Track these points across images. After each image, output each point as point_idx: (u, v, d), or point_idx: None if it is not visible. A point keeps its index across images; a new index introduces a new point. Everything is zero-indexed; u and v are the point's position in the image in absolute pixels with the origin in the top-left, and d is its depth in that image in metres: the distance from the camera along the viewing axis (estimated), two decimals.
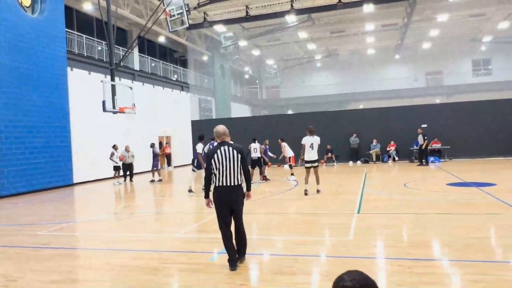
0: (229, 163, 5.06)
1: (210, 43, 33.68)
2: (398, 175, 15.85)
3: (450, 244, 5.80)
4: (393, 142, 21.62)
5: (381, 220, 7.72)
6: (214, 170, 5.08)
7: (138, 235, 7.44)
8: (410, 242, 6.07)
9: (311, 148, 10.80)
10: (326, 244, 6.31)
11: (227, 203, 5.12)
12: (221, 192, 5.09)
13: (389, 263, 5.16)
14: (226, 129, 5.25)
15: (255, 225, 8.07)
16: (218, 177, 5.06)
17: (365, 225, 7.28)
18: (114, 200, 13.40)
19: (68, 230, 8.40)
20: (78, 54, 19.73)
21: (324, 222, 7.84)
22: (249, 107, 44.08)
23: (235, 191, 5.13)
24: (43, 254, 6.38)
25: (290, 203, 10.30)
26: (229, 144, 5.18)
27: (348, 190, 11.91)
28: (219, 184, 5.08)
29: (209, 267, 5.30)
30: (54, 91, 16.75)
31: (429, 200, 9.64)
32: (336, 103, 39.18)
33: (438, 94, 39.08)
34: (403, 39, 35.18)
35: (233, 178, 5.08)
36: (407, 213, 8.27)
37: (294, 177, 15.00)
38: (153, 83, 25.85)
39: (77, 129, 18.24)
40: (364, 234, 6.60)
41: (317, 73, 45.34)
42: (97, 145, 19.52)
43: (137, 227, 8.29)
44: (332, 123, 22.17)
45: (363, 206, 9.15)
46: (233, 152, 5.10)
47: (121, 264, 5.59)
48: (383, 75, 41.26)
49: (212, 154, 5.09)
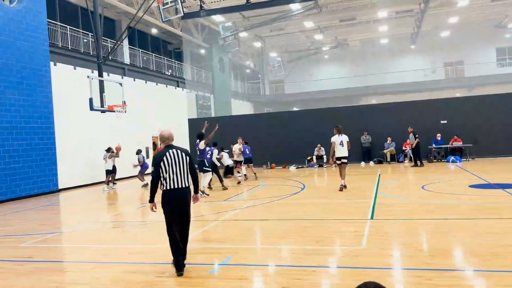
0: (178, 166, 5.59)
1: (208, 34, 33.70)
2: (416, 177, 15.81)
3: (474, 253, 5.78)
4: (409, 140, 21.58)
5: (397, 227, 7.70)
6: (163, 173, 5.56)
7: (130, 246, 7.45)
8: (430, 251, 6.05)
9: (341, 146, 12.38)
10: (336, 254, 6.30)
11: (177, 206, 5.61)
12: (171, 195, 5.58)
13: (407, 274, 5.14)
14: (171, 134, 5.81)
15: (259, 233, 8.06)
16: (168, 180, 5.56)
17: (379, 233, 7.26)
18: (104, 208, 13.42)
19: (53, 241, 8.40)
20: (62, 47, 19.77)
21: (334, 230, 7.82)
22: (251, 104, 44.09)
23: (185, 193, 5.66)
24: (26, 268, 6.38)
25: (297, 208, 10.30)
26: (176, 147, 5.72)
27: (360, 194, 11.89)
28: (168, 188, 5.58)
29: (210, 281, 5.30)
30: (36, 89, 16.79)
31: (450, 204, 9.61)
32: (346, 98, 39.11)
33: (458, 86, 38.99)
34: (420, 27, 35.11)
35: (182, 181, 5.61)
36: (425, 218, 8.24)
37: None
38: (145, 78, 25.88)
39: (62, 130, 18.27)
40: (378, 242, 6.58)
41: (325, 65, 45.26)
42: (84, 147, 19.56)
43: (130, 237, 8.30)
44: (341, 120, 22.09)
45: (377, 211, 9.13)
46: (182, 154, 5.66)
47: (112, 279, 5.59)
48: (398, 66, 41.16)
49: (161, 158, 5.58)
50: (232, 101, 37.88)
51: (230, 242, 7.26)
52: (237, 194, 13.29)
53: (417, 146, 19.08)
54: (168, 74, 29.68)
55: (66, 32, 20.37)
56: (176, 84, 29.66)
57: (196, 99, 32.50)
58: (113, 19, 25.28)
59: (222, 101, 35.53)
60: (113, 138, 20.67)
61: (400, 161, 21.73)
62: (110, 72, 21.84)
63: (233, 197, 12.67)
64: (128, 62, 25.05)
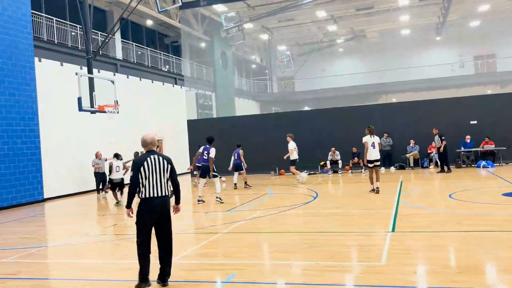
0: (158, 173, 5.81)
1: (209, 26, 33.82)
2: (442, 184, 15.73)
3: (508, 269, 5.74)
4: (434, 143, 21.49)
5: (421, 240, 7.67)
6: (142, 180, 5.77)
7: (123, 261, 7.47)
8: (459, 267, 6.02)
9: (373, 147, 13.24)
10: (353, 270, 6.28)
11: (154, 215, 5.79)
12: (150, 204, 5.79)
13: None
14: (154, 139, 6.06)
15: (266, 247, 8.06)
16: (147, 187, 5.77)
17: (401, 247, 7.23)
18: (94, 219, 13.47)
19: (38, 256, 8.44)
20: (47, 41, 19.93)
21: (351, 243, 7.80)
22: (257, 103, 44.13)
23: (164, 202, 5.87)
24: (9, 286, 6.42)
25: (309, 220, 10.28)
26: (158, 153, 5.96)
27: (380, 203, 11.85)
28: (147, 196, 5.78)
29: None
30: (19, 87, 16.90)
31: (481, 215, 9.55)
32: (363, 96, 39.02)
33: (490, 82, 38.79)
34: (446, 16, 35.00)
35: (161, 189, 5.82)
36: (453, 230, 8.20)
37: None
38: (140, 75, 26.00)
39: (48, 133, 18.39)
40: (400, 258, 6.55)
41: (339, 60, 45.21)
42: (71, 152, 19.66)
43: (123, 252, 8.32)
44: (358, 121, 22.07)
45: (399, 222, 9.09)
46: (163, 161, 5.88)
47: None
48: (421, 61, 41.03)
49: (141, 163, 5.80)
50: (236, 100, 37.95)
51: (234, 257, 7.26)
52: (241, 204, 13.30)
53: (444, 149, 18.99)
54: (165, 70, 29.81)
55: (52, 24, 20.53)
56: (173, 82, 29.77)
57: (196, 98, 32.60)
58: (104, 10, 25.44)
59: (224, 100, 35.61)
60: (103, 142, 20.77)
61: (425, 166, 21.62)
62: (101, 69, 21.96)
63: (237, 207, 12.68)
64: (121, 57, 25.19)
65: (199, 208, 12.87)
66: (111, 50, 24.41)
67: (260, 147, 22.37)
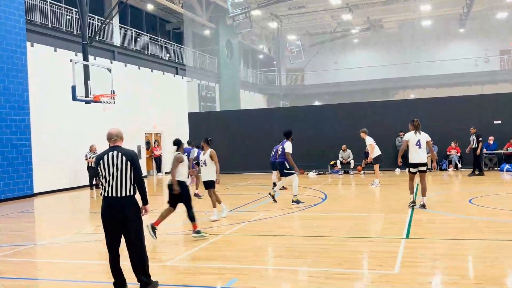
0: (117, 170, 5.70)
1: (213, 12, 33.79)
2: (462, 188, 15.67)
3: None
4: (454, 143, 21.41)
5: (437, 248, 7.65)
6: (100, 178, 5.79)
7: None
8: (478, 278, 6.00)
9: (418, 147, 10.96)
10: (364, 279, 6.28)
11: (114, 218, 5.71)
12: (107, 205, 5.75)
13: None
14: (120, 132, 5.99)
15: (270, 251, 8.06)
16: (105, 186, 5.74)
17: (415, 254, 7.22)
18: (86, 217, 13.52)
19: (26, 255, 8.49)
20: (40, 25, 19.96)
21: (362, 250, 7.80)
22: (264, 96, 44.09)
23: (124, 203, 5.72)
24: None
25: (317, 223, 10.27)
26: (120, 149, 5.84)
27: (394, 208, 11.83)
28: (105, 195, 5.76)
29: None
30: (9, 73, 16.95)
31: (504, 222, 9.52)
32: (378, 92, 38.91)
33: None
34: (470, 7, 34.81)
35: (121, 188, 5.69)
36: (473, 239, 8.17)
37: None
38: (139, 63, 26.02)
39: (39, 123, 18.44)
40: (414, 266, 6.54)
41: (353, 52, 45.08)
42: (64, 144, 19.72)
43: None
44: (373, 118, 22.04)
45: (414, 228, 9.08)
46: (122, 158, 5.73)
47: None
48: (442, 54, 40.87)
49: (98, 159, 5.80)
50: (241, 93, 37.93)
51: (235, 261, 7.27)
52: (244, 205, 13.30)
53: (480, 151, 18.71)
54: (166, 59, 29.81)
55: (45, 7, 20.56)
56: (175, 71, 29.78)
57: (198, 89, 32.59)
58: None
59: (229, 92, 35.60)
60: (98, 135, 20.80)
61: (444, 168, 21.55)
62: (97, 56, 22.00)
63: (239, 208, 12.68)
64: (119, 44, 25.21)
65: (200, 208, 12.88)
66: (108, 35, 24.42)
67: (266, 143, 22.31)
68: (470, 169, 19.34)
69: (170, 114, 27.57)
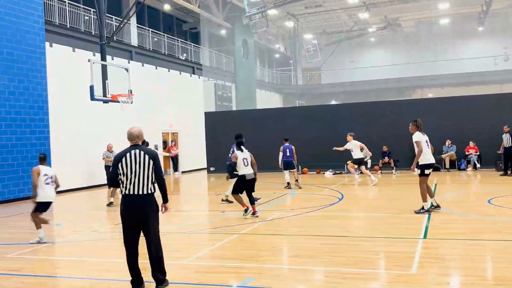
0: (139, 168, 5.76)
1: (230, 12, 33.82)
2: (480, 188, 15.52)
3: None
4: (473, 143, 21.18)
5: (455, 249, 7.59)
6: (120, 176, 5.80)
7: None
8: (497, 279, 5.94)
9: (427, 147, 11.04)
10: (381, 279, 6.24)
11: (134, 215, 5.77)
12: (128, 202, 5.80)
13: None
14: (141, 132, 6.10)
15: (286, 250, 8.05)
16: (125, 184, 5.78)
17: (433, 255, 7.18)
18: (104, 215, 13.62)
19: (43, 252, 8.58)
20: (59, 26, 20.17)
21: (378, 250, 7.76)
22: (280, 96, 44.05)
23: (145, 201, 5.80)
24: (13, 283, 6.53)
25: (333, 223, 10.23)
26: (142, 148, 5.95)
27: (411, 207, 11.72)
28: (126, 193, 5.80)
29: None
30: (28, 73, 17.15)
31: None
32: (395, 91, 38.60)
33: None
34: (490, 5, 34.41)
35: (142, 186, 5.76)
36: (491, 239, 8.09)
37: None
38: (156, 63, 26.16)
39: (57, 122, 18.63)
40: (432, 267, 6.50)
41: (370, 50, 44.79)
42: (82, 144, 19.90)
43: None
44: (390, 117, 21.88)
45: (431, 229, 9.01)
46: (145, 157, 5.82)
47: None
48: (461, 53, 40.41)
49: (119, 158, 5.83)
50: (258, 92, 37.93)
51: (251, 261, 7.27)
52: (260, 204, 13.29)
53: None
54: (183, 58, 29.93)
55: (64, 7, 20.77)
56: (191, 71, 29.88)
57: (214, 88, 32.68)
58: None
59: (245, 91, 35.61)
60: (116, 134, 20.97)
61: (462, 168, 21.33)
62: (115, 56, 22.16)
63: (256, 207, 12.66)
64: (136, 44, 25.38)
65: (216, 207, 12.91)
66: (125, 36, 24.59)
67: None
68: (491, 169, 19.02)
69: (187, 114, 27.67)
